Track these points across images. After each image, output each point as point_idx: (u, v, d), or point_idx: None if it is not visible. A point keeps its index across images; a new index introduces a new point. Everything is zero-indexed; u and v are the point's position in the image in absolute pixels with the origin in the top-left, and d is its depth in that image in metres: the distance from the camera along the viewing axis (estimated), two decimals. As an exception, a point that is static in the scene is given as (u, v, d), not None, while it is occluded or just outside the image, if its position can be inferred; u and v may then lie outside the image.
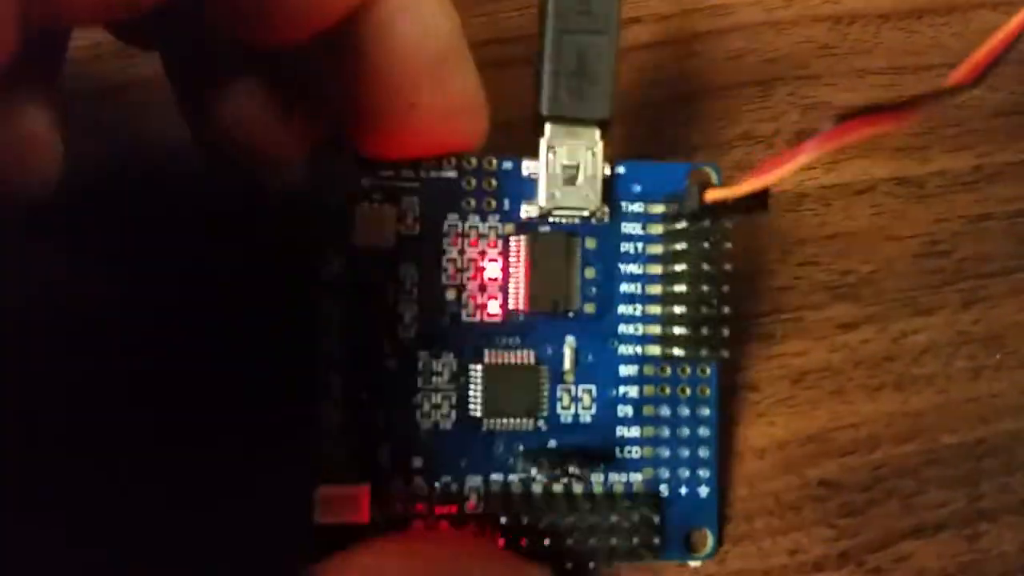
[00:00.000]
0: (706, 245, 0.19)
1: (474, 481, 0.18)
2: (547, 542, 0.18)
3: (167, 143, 0.20)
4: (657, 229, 0.20)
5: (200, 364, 0.18)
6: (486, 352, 0.18)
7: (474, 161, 0.19)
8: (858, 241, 0.24)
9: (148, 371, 0.18)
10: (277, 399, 0.18)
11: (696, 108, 0.25)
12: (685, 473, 0.19)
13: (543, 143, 0.18)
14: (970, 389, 0.23)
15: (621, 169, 0.19)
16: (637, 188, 0.20)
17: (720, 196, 0.17)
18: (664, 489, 0.19)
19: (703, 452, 0.20)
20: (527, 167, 0.19)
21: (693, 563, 0.20)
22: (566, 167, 0.18)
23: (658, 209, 0.20)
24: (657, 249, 0.20)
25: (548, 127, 0.18)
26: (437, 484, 0.18)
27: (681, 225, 0.19)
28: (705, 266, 0.19)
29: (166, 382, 0.18)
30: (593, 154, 0.18)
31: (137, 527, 0.17)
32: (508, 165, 0.19)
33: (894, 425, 0.22)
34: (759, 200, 0.17)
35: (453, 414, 0.18)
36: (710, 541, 0.19)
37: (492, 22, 0.24)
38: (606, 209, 0.19)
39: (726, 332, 0.18)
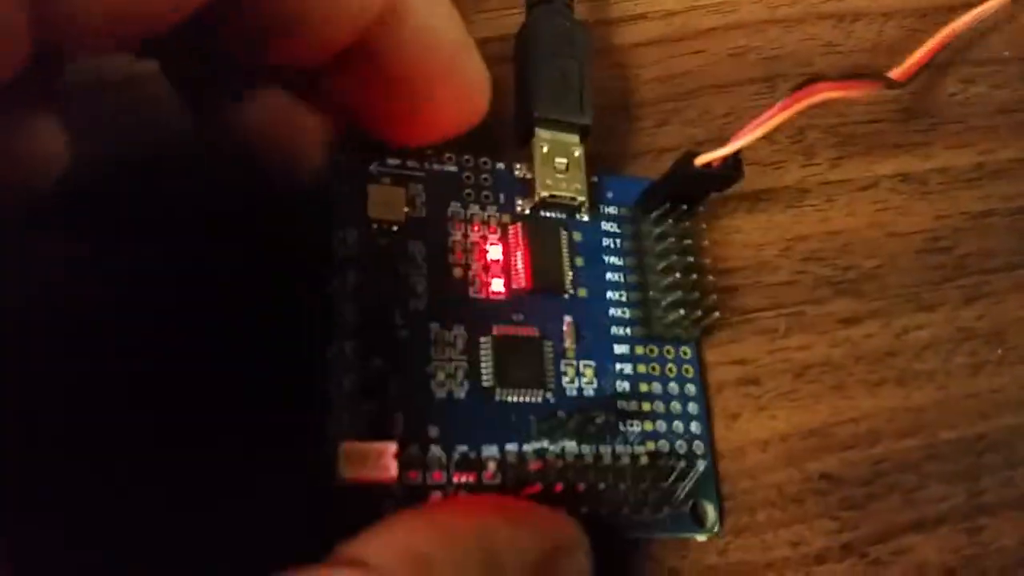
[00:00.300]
0: (687, 224, 0.21)
1: (490, 450, 0.18)
2: (581, 487, 0.18)
3: (166, 142, 0.20)
4: (631, 229, 0.21)
5: (200, 364, 0.18)
6: (493, 326, 0.19)
7: (472, 160, 0.20)
8: (861, 237, 0.24)
9: (148, 372, 0.18)
10: (277, 399, 0.18)
11: (701, 103, 0.25)
12: (683, 448, 0.20)
13: (535, 140, 0.20)
14: (971, 385, 0.23)
15: (595, 179, 0.21)
16: (610, 195, 0.22)
17: (707, 159, 0.19)
18: (665, 462, 0.19)
19: (695, 427, 0.20)
20: (518, 169, 0.21)
21: (700, 537, 0.20)
22: (557, 160, 0.20)
23: (629, 212, 0.22)
24: (635, 244, 0.21)
25: (538, 130, 0.20)
26: (454, 453, 0.18)
27: (658, 212, 0.21)
28: (687, 241, 0.21)
29: (166, 383, 0.18)
30: (577, 154, 0.21)
31: (136, 528, 0.17)
32: (501, 166, 0.21)
33: (895, 420, 0.22)
34: (734, 167, 0.20)
35: (466, 384, 0.18)
36: (712, 514, 0.20)
37: (493, 20, 0.25)
38: (587, 205, 0.21)
39: (699, 313, 0.20)
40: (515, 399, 0.19)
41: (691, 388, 0.21)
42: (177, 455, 0.18)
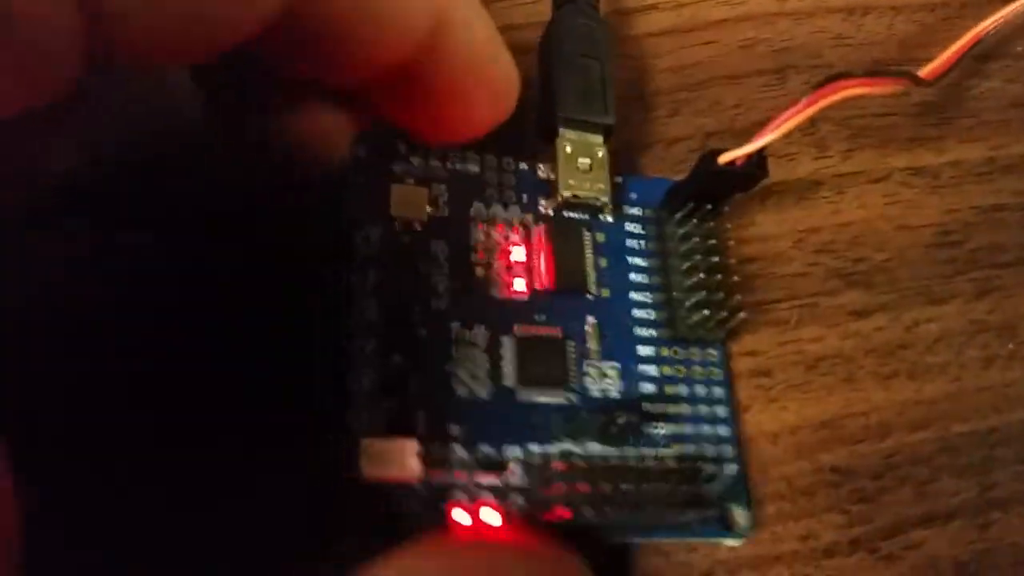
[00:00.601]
0: (711, 224, 0.21)
1: (513, 451, 0.18)
2: (605, 488, 0.18)
3: (176, 132, 0.20)
4: (655, 230, 0.21)
5: (200, 364, 0.18)
6: (515, 325, 0.19)
7: (494, 160, 0.20)
8: (872, 229, 0.24)
9: (148, 372, 0.18)
10: (278, 399, 0.18)
11: (711, 94, 0.25)
12: (711, 451, 0.20)
13: (559, 140, 0.20)
14: (983, 378, 0.23)
15: (619, 179, 0.21)
16: (634, 195, 0.21)
17: (730, 157, 0.19)
18: (691, 465, 0.19)
19: (723, 430, 0.20)
20: (541, 170, 0.21)
21: (729, 542, 0.19)
22: (580, 160, 0.20)
23: (653, 213, 0.21)
24: (659, 245, 0.21)
25: (562, 130, 0.20)
26: (477, 453, 0.18)
27: (682, 213, 0.21)
28: (712, 241, 0.20)
29: (166, 382, 0.18)
30: (600, 154, 0.20)
31: (137, 528, 0.17)
32: (524, 166, 0.21)
33: (907, 413, 0.22)
34: (758, 165, 0.19)
35: (488, 383, 0.18)
36: (742, 519, 0.19)
37: (507, 9, 0.24)
38: (610, 206, 0.21)
39: (724, 313, 0.20)
40: (537, 399, 0.18)
41: (718, 391, 0.20)
42: (178, 455, 0.17)
